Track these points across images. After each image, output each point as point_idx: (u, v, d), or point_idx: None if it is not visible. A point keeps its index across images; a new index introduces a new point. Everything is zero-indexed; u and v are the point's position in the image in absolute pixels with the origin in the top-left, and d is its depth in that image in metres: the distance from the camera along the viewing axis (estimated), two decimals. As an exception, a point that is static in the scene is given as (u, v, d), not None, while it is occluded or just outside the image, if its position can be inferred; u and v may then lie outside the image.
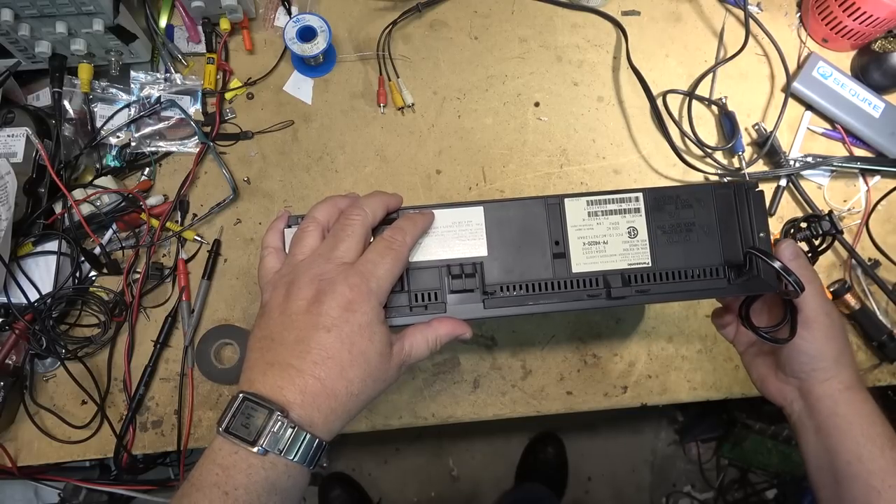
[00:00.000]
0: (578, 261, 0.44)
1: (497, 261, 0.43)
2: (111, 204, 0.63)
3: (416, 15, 0.73)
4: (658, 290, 0.44)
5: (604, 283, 0.43)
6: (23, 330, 0.60)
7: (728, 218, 0.45)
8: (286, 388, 0.34)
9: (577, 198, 0.45)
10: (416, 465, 1.49)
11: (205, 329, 0.64)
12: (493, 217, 0.44)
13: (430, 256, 0.43)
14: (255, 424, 0.33)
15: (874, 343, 0.66)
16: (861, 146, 0.72)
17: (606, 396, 0.65)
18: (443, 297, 0.42)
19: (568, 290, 0.43)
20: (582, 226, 0.44)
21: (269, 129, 0.70)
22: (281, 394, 0.34)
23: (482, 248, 0.43)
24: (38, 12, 0.59)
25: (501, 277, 0.43)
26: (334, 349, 0.35)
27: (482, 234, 0.44)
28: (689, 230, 0.45)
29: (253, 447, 0.33)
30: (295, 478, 0.34)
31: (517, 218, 0.44)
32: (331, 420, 0.35)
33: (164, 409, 0.63)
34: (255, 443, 0.33)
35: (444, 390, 0.65)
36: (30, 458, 0.62)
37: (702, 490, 1.50)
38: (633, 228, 0.44)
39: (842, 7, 0.69)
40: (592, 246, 0.44)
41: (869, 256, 0.69)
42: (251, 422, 0.33)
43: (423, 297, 0.42)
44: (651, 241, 0.44)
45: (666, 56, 0.74)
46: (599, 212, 0.44)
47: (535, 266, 0.44)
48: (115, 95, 0.68)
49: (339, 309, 0.36)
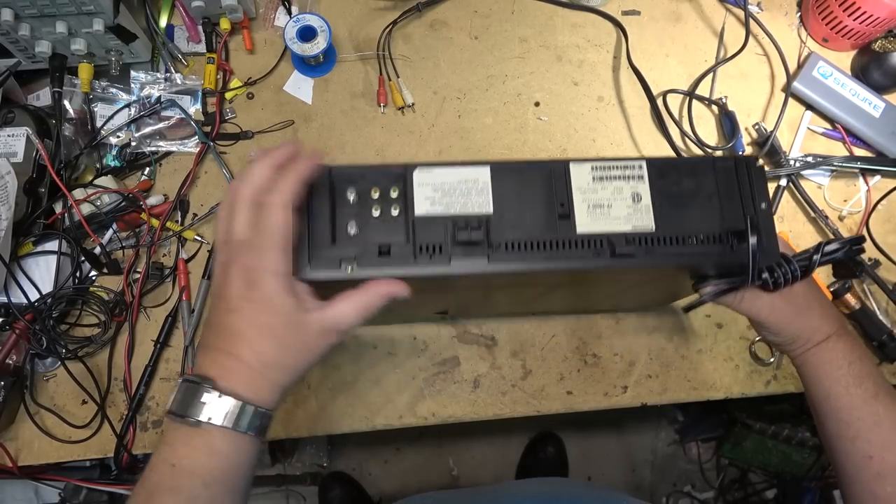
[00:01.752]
0: (583, 222, 0.44)
1: (502, 219, 0.43)
2: (111, 204, 0.63)
3: (416, 15, 0.73)
4: (662, 251, 0.44)
5: (608, 244, 0.44)
6: (23, 330, 0.60)
7: (730, 189, 0.46)
8: (211, 367, 0.38)
9: (583, 163, 0.45)
10: (416, 465, 1.49)
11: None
12: (500, 177, 0.44)
13: (436, 212, 0.43)
14: (190, 402, 0.37)
15: (874, 343, 0.66)
16: (861, 146, 0.72)
17: (606, 396, 0.65)
18: (447, 250, 0.43)
19: (572, 248, 0.43)
20: (587, 189, 0.45)
21: (270, 129, 0.70)
22: (208, 371, 0.38)
23: (488, 206, 0.44)
24: (39, 12, 0.59)
25: (506, 235, 0.43)
26: (240, 328, 0.38)
27: (488, 192, 0.44)
28: (692, 198, 0.45)
29: (189, 419, 0.36)
30: (234, 442, 0.37)
31: (523, 179, 0.45)
32: (255, 388, 0.37)
33: (164, 408, 0.63)
34: (191, 416, 0.36)
35: (444, 390, 0.65)
36: (30, 457, 0.62)
37: (702, 490, 1.50)
38: (636, 194, 0.45)
39: (842, 7, 0.69)
40: (597, 209, 0.44)
41: (869, 256, 0.69)
42: (189, 400, 0.37)
43: (428, 249, 0.42)
44: (654, 206, 0.45)
45: (666, 56, 0.74)
46: (604, 177, 0.45)
47: (539, 226, 0.44)
48: (115, 95, 0.68)
49: (238, 290, 0.38)
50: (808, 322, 0.49)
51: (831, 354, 0.48)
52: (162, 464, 0.36)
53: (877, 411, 0.46)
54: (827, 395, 0.48)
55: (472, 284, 0.50)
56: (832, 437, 0.48)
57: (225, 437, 0.36)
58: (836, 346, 0.48)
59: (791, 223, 0.70)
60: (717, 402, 0.67)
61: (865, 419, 0.46)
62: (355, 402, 0.64)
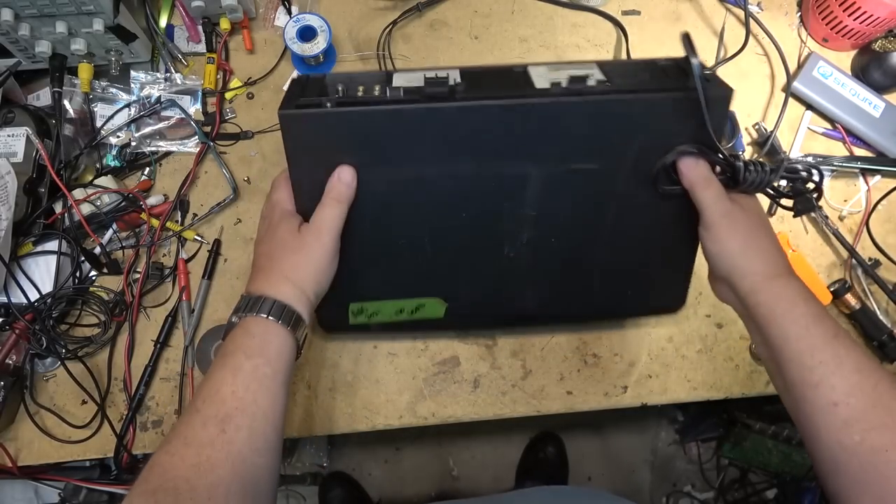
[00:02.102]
0: (541, 83, 0.49)
1: (467, 83, 0.48)
2: (111, 204, 0.63)
3: (416, 15, 0.73)
4: (618, 86, 0.49)
5: (566, 85, 0.48)
6: (23, 330, 0.60)
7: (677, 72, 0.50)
8: (250, 281, 0.51)
9: (540, 65, 0.51)
10: (416, 465, 1.49)
11: (205, 329, 0.64)
12: (469, 75, 0.50)
13: (411, 84, 0.49)
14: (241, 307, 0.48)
15: (874, 343, 0.66)
16: (861, 146, 0.72)
17: (606, 396, 0.65)
18: (419, 93, 0.47)
19: (532, 96, 0.48)
20: (544, 76, 0.50)
21: (270, 129, 0.70)
22: (250, 285, 0.50)
23: (456, 77, 0.50)
24: (39, 12, 0.59)
25: (472, 93, 0.48)
26: (260, 247, 0.52)
27: (457, 75, 0.50)
28: (640, 80, 0.50)
29: (234, 315, 0.48)
30: (265, 326, 0.46)
31: (489, 73, 0.52)
32: (273, 281, 0.48)
33: (164, 408, 0.63)
34: (237, 312, 0.48)
35: (444, 390, 0.65)
36: (30, 457, 0.62)
37: (702, 490, 1.50)
38: (590, 76, 0.50)
39: (842, 7, 0.69)
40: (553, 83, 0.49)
41: (869, 256, 0.69)
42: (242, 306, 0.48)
43: (401, 93, 0.48)
44: (610, 81, 0.49)
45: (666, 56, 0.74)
46: (560, 73, 0.50)
47: (503, 89, 0.49)
48: (115, 95, 0.68)
49: (262, 224, 0.54)
50: (760, 253, 0.47)
51: (788, 291, 0.46)
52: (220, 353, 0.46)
53: (838, 353, 0.43)
54: (786, 337, 0.45)
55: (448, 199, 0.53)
56: (794, 385, 0.44)
57: (260, 324, 0.46)
58: (791, 283, 0.46)
59: (791, 223, 0.70)
60: (717, 402, 0.67)
61: (828, 362, 0.43)
62: (355, 402, 0.64)
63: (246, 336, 0.45)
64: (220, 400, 0.42)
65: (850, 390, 0.42)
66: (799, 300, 0.45)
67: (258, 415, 0.42)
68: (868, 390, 0.42)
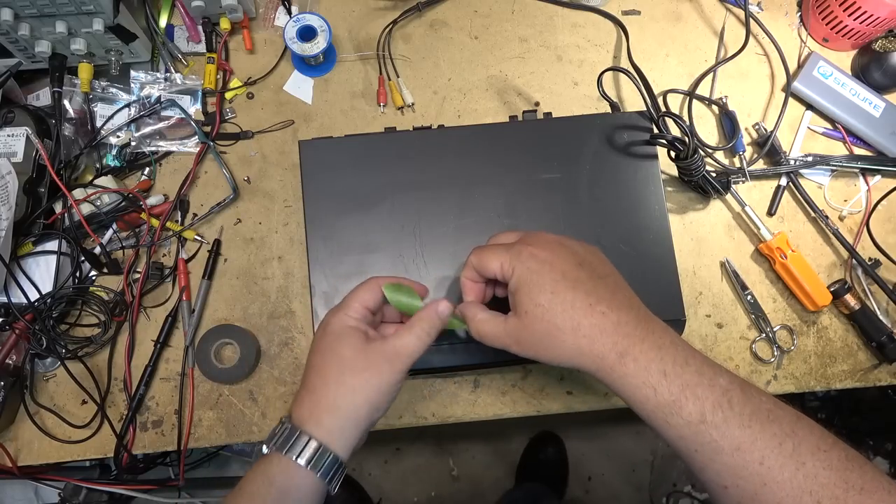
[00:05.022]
0: None
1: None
2: (111, 203, 0.63)
3: (416, 14, 0.73)
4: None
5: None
6: (23, 330, 0.60)
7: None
8: (295, 402, 0.44)
9: None
10: (416, 465, 1.49)
11: (205, 329, 0.64)
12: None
13: None
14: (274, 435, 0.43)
15: (874, 343, 0.66)
16: (861, 146, 0.72)
17: (606, 396, 0.65)
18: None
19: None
20: None
21: (270, 129, 0.70)
22: (293, 407, 0.44)
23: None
24: (38, 12, 0.59)
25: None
26: (313, 358, 0.45)
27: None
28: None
29: (265, 445, 0.43)
30: (291, 472, 0.40)
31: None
32: (319, 410, 0.42)
33: (164, 408, 0.63)
34: (269, 441, 0.43)
35: (444, 390, 0.65)
36: (30, 457, 0.62)
37: (702, 490, 1.50)
38: None
39: (842, 6, 0.69)
40: None
41: (869, 256, 0.69)
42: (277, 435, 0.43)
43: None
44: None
45: (666, 56, 0.74)
46: None
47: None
48: (115, 95, 0.68)
49: (319, 332, 0.46)
50: (562, 349, 0.40)
51: (626, 386, 0.39)
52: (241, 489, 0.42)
53: (710, 438, 0.37)
54: (655, 429, 0.39)
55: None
56: (690, 469, 0.39)
57: (283, 465, 0.41)
58: (627, 372, 0.39)
59: (791, 223, 0.70)
60: (717, 402, 0.67)
61: (703, 451, 0.37)
62: (355, 402, 0.64)
63: (265, 482, 0.40)
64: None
65: (734, 472, 0.37)
66: (645, 391, 0.39)
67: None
68: (754, 469, 0.36)
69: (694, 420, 0.37)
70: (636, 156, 0.62)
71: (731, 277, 0.68)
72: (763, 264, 0.69)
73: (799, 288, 0.66)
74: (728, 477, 0.37)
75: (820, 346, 0.68)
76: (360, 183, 0.60)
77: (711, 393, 0.37)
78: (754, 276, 0.68)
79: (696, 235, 0.69)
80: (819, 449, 0.36)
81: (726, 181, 0.66)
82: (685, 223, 0.69)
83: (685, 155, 0.61)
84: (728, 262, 0.68)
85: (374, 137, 0.62)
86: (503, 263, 0.43)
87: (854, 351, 0.68)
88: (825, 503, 0.34)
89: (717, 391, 0.38)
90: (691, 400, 0.37)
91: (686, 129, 0.58)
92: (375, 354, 0.42)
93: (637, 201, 0.61)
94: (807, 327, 0.68)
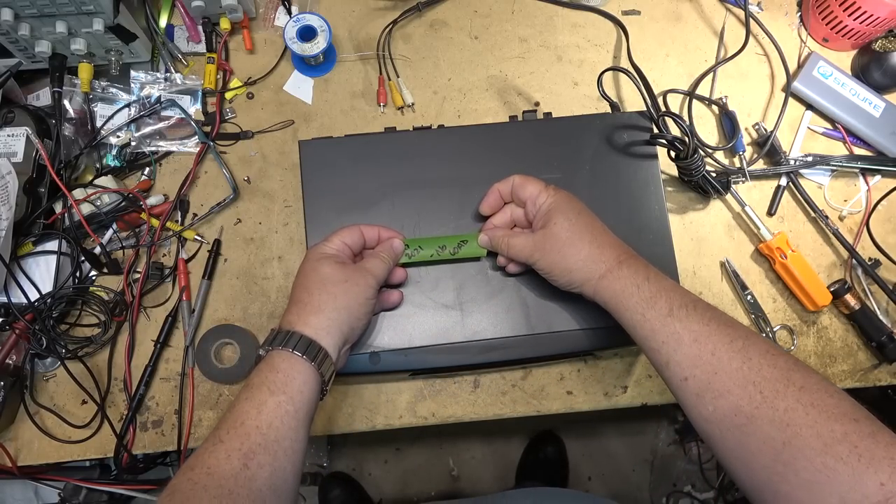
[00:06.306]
0: None
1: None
2: (111, 203, 0.63)
3: (416, 15, 0.73)
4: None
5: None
6: (23, 330, 0.60)
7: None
8: (284, 314, 0.51)
9: None
10: (416, 465, 1.49)
11: (205, 329, 0.64)
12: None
13: None
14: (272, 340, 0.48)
15: (874, 343, 0.66)
16: (861, 146, 0.72)
17: (606, 396, 0.65)
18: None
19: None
20: None
21: (270, 129, 0.70)
22: (282, 318, 0.50)
23: None
24: (39, 12, 0.59)
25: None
26: (298, 278, 0.52)
27: None
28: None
29: (261, 349, 0.48)
30: (290, 361, 0.46)
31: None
32: (304, 314, 0.48)
33: (164, 408, 0.63)
34: (264, 345, 0.48)
35: (444, 390, 0.65)
36: (30, 457, 0.62)
37: (702, 490, 1.50)
38: None
39: (842, 6, 0.69)
40: None
41: (869, 256, 0.69)
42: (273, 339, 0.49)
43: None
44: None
45: (666, 56, 0.74)
46: None
47: None
48: (115, 95, 0.68)
49: (303, 262, 0.53)
50: (578, 256, 0.49)
51: (619, 283, 0.47)
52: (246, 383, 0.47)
53: (675, 329, 0.44)
54: (633, 327, 0.47)
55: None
56: (657, 370, 0.46)
57: (284, 357, 0.46)
58: (621, 274, 0.48)
59: (791, 223, 0.70)
60: (717, 402, 0.67)
61: (668, 341, 0.44)
62: (355, 402, 0.64)
63: (271, 371, 0.46)
64: (245, 433, 0.43)
65: (692, 362, 0.43)
66: (632, 288, 0.47)
67: (280, 454, 0.43)
68: (707, 358, 0.43)
69: (663, 313, 0.45)
70: (636, 156, 0.62)
71: (731, 277, 0.68)
72: (763, 264, 0.69)
73: (799, 288, 0.66)
74: (687, 367, 0.43)
75: (820, 345, 0.68)
76: (360, 183, 0.60)
77: (680, 297, 0.46)
78: (754, 276, 0.68)
79: (696, 235, 0.69)
80: (767, 352, 0.42)
81: (726, 181, 0.66)
82: (685, 223, 0.69)
83: (685, 155, 0.61)
84: (728, 262, 0.68)
85: (374, 137, 0.62)
86: (541, 190, 0.54)
87: (854, 351, 0.68)
88: (766, 393, 0.40)
89: (686, 297, 0.46)
90: (664, 298, 0.46)
91: (686, 129, 0.58)
92: (350, 270, 0.51)
93: (637, 201, 0.61)
94: (807, 327, 0.68)
